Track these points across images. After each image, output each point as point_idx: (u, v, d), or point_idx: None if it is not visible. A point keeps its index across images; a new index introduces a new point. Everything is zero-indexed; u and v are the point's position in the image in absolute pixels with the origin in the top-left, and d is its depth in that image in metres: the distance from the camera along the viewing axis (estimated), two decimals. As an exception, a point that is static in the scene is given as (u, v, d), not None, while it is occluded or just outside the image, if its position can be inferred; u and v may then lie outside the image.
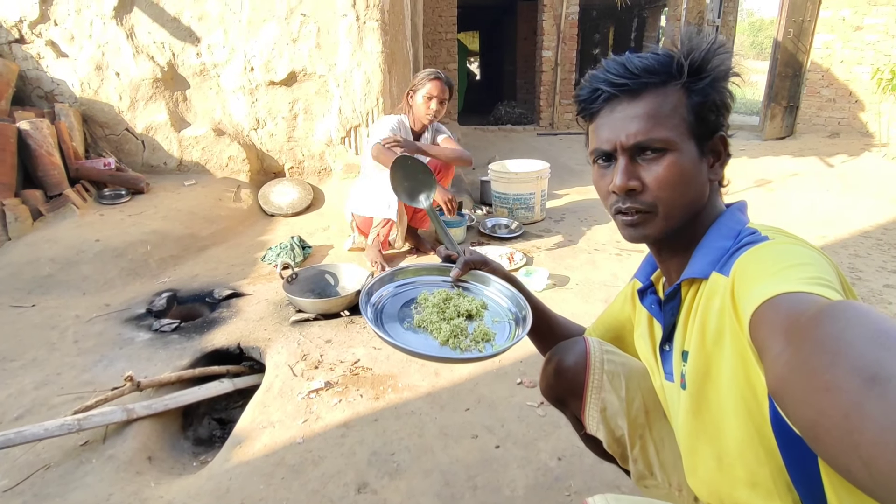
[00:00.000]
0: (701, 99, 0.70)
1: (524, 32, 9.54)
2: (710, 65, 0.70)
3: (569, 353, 1.02)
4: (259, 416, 1.65)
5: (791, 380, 0.44)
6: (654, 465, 1.00)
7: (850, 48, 6.39)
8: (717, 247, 0.71)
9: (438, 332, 0.94)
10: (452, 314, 0.98)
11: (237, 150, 3.69)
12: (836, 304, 0.46)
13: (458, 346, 0.92)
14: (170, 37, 3.45)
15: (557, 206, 3.96)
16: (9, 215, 2.73)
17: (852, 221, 3.53)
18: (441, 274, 1.12)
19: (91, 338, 2.13)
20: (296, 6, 3.38)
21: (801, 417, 0.43)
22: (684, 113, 0.70)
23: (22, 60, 3.46)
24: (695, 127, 0.70)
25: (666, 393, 0.87)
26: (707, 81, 0.70)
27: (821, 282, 0.53)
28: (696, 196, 0.73)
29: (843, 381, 0.39)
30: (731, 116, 0.76)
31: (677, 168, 0.70)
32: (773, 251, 0.62)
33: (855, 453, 0.37)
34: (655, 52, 0.72)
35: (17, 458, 1.46)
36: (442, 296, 1.02)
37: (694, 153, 0.71)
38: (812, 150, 5.93)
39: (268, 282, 2.61)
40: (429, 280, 1.12)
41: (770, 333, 0.50)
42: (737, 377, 0.64)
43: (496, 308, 1.05)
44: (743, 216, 0.76)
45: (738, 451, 0.67)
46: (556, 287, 2.53)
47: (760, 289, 0.55)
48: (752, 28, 29.96)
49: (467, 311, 1.00)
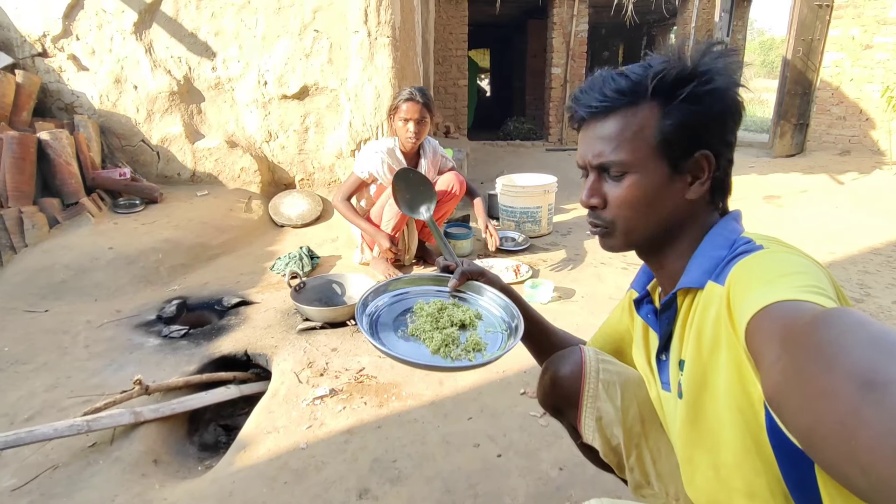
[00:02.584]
0: (676, 118, 0.70)
1: (534, 50, 9.64)
2: (690, 84, 0.69)
3: (564, 363, 1.02)
4: (264, 421, 1.67)
5: (787, 387, 0.44)
6: (650, 475, 1.00)
7: (860, 66, 6.39)
8: (712, 256, 0.71)
9: (430, 341, 0.96)
10: (445, 324, 1.00)
11: (249, 162, 3.76)
12: (831, 311, 0.46)
13: (448, 355, 0.94)
14: (187, 51, 3.55)
15: (564, 221, 3.98)
16: (26, 222, 2.79)
17: (862, 238, 3.51)
18: (437, 284, 1.14)
19: (102, 342, 2.17)
20: (309, 22, 3.46)
21: (797, 425, 0.42)
22: (653, 133, 0.71)
23: (44, 73, 3.56)
24: (665, 147, 0.71)
25: (662, 403, 0.87)
26: (682, 100, 0.69)
27: (815, 290, 0.53)
28: (665, 215, 0.75)
29: (839, 387, 0.39)
30: (741, 133, 0.77)
31: (638, 189, 0.73)
32: (767, 260, 0.62)
33: (852, 460, 0.36)
34: (642, 66, 0.73)
35: (27, 458, 1.49)
36: (437, 305, 1.04)
37: (662, 173, 0.72)
38: (822, 168, 5.91)
39: (276, 290, 2.64)
40: (425, 290, 1.13)
41: (766, 342, 0.50)
42: (733, 387, 0.64)
43: (490, 318, 1.06)
44: (738, 225, 0.76)
45: (735, 462, 0.67)
46: (562, 300, 2.53)
47: (756, 297, 0.55)
48: (762, 47, 30.00)
49: (461, 320, 1.01)
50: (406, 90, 2.65)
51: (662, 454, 0.97)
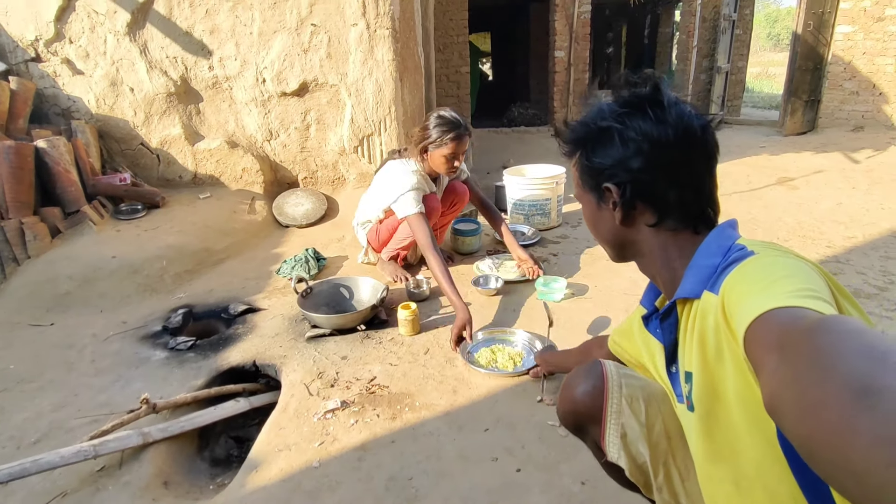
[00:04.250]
0: (579, 166, 0.88)
1: (536, 33, 9.45)
2: (583, 146, 0.86)
3: (585, 378, 1.00)
4: (275, 438, 1.63)
5: (784, 397, 0.44)
6: (680, 495, 0.96)
7: (873, 39, 6.22)
8: (706, 265, 0.73)
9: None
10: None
11: (251, 162, 3.69)
12: (826, 319, 0.46)
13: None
14: (182, 51, 3.47)
15: (574, 211, 3.90)
16: (28, 234, 2.75)
17: (882, 221, 3.41)
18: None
19: (108, 357, 2.13)
20: (306, 17, 3.37)
21: (796, 435, 0.42)
22: (579, 174, 0.89)
23: (38, 79, 3.50)
24: (583, 184, 0.89)
25: (680, 416, 0.86)
26: (579, 154, 0.87)
27: (809, 293, 0.54)
28: (608, 237, 0.88)
29: (834, 396, 0.39)
30: (749, 111, 0.82)
31: (585, 215, 0.93)
32: (759, 266, 0.63)
33: (848, 469, 0.36)
34: (582, 121, 0.88)
35: (35, 486, 1.45)
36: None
37: (592, 203, 0.88)
38: (835, 146, 5.77)
39: (283, 296, 2.59)
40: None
41: (764, 351, 0.50)
42: (743, 393, 0.64)
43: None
44: (734, 232, 0.77)
45: (756, 472, 0.66)
46: (576, 297, 2.47)
47: (751, 305, 0.55)
48: (767, 19, 29.44)
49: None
50: (444, 122, 2.36)
51: (691, 472, 0.94)
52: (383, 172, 2.57)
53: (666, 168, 0.79)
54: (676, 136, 0.78)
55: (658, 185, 0.80)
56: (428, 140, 2.39)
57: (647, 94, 0.81)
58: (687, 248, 0.79)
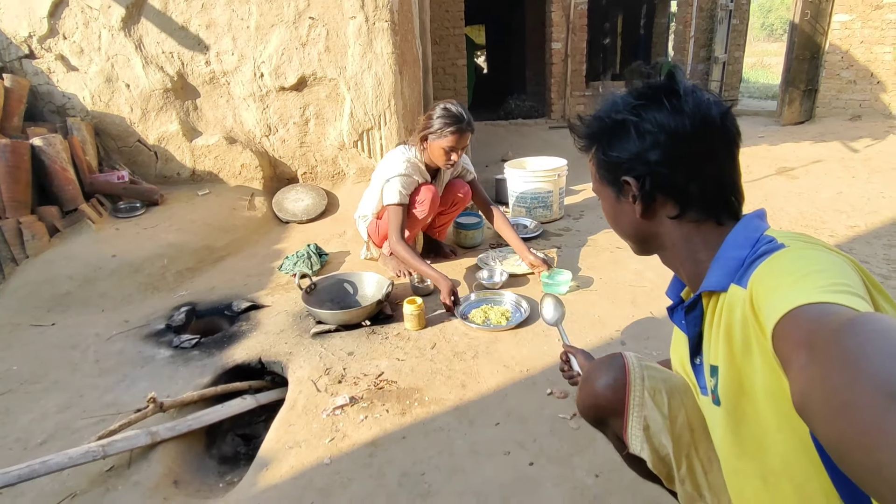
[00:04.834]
0: (596, 160, 0.87)
1: (532, 24, 9.38)
2: (599, 140, 0.85)
3: (607, 371, 0.98)
4: (284, 435, 1.62)
5: (813, 396, 0.43)
6: (702, 487, 0.96)
7: (870, 28, 6.20)
8: (733, 257, 0.71)
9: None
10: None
11: (250, 158, 3.66)
12: (857, 318, 0.45)
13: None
14: (178, 46, 3.42)
15: (575, 203, 3.89)
16: (25, 233, 2.72)
17: (883, 209, 3.41)
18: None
19: (112, 356, 2.11)
20: (304, 10, 3.33)
21: (825, 435, 0.42)
22: (596, 168, 0.88)
23: (33, 76, 3.45)
24: (602, 179, 0.87)
25: (703, 408, 0.86)
26: (595, 149, 0.86)
27: (841, 288, 0.53)
28: (629, 230, 0.88)
29: (863, 398, 0.38)
30: (747, 101, 0.81)
31: (604, 209, 0.92)
32: (789, 259, 0.61)
33: (878, 474, 0.36)
34: (596, 115, 0.87)
35: (44, 487, 1.44)
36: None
37: (611, 196, 0.87)
38: (833, 135, 5.77)
39: (286, 292, 2.58)
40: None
41: (793, 348, 0.49)
42: (773, 388, 0.62)
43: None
44: (762, 223, 0.75)
45: (784, 467, 0.65)
46: (581, 289, 2.46)
47: (781, 300, 0.54)
48: (761, 9, 29.35)
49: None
50: (446, 114, 2.33)
51: (714, 465, 0.93)
52: (383, 158, 2.62)
53: (685, 159, 0.78)
54: (694, 126, 0.76)
55: (678, 177, 0.78)
56: (429, 129, 2.39)
57: (662, 84, 0.79)
58: (712, 239, 0.78)
